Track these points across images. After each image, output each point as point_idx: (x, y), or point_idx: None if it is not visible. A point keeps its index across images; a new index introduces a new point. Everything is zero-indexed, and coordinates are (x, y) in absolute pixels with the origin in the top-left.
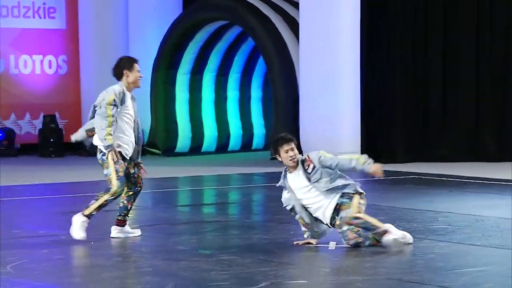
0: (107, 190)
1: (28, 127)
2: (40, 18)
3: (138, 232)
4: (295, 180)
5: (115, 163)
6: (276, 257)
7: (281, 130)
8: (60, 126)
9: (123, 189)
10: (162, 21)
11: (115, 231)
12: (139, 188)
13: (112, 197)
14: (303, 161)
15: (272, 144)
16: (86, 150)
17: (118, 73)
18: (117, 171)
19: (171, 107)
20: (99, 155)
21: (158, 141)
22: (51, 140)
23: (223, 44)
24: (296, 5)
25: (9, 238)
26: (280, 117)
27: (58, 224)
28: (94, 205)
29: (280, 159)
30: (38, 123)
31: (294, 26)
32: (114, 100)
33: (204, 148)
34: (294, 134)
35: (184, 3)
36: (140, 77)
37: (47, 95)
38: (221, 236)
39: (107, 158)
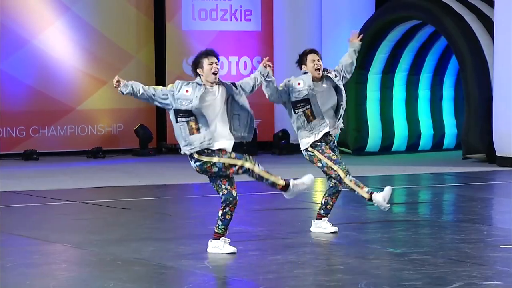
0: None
1: None
2: (237, 20)
3: (332, 229)
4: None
5: (321, 153)
6: (470, 257)
7: (473, 130)
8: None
9: (346, 168)
10: (355, 21)
11: (312, 226)
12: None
13: (347, 176)
14: None
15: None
16: (278, 149)
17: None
18: (330, 158)
19: (362, 107)
20: (304, 153)
21: (349, 140)
22: None
23: (415, 43)
24: (491, 4)
25: (205, 234)
26: (472, 116)
27: (252, 221)
28: (357, 188)
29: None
30: None
31: (489, 25)
32: None
33: (394, 147)
34: (487, 134)
35: (377, 2)
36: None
37: None
38: (412, 235)
39: (312, 152)
